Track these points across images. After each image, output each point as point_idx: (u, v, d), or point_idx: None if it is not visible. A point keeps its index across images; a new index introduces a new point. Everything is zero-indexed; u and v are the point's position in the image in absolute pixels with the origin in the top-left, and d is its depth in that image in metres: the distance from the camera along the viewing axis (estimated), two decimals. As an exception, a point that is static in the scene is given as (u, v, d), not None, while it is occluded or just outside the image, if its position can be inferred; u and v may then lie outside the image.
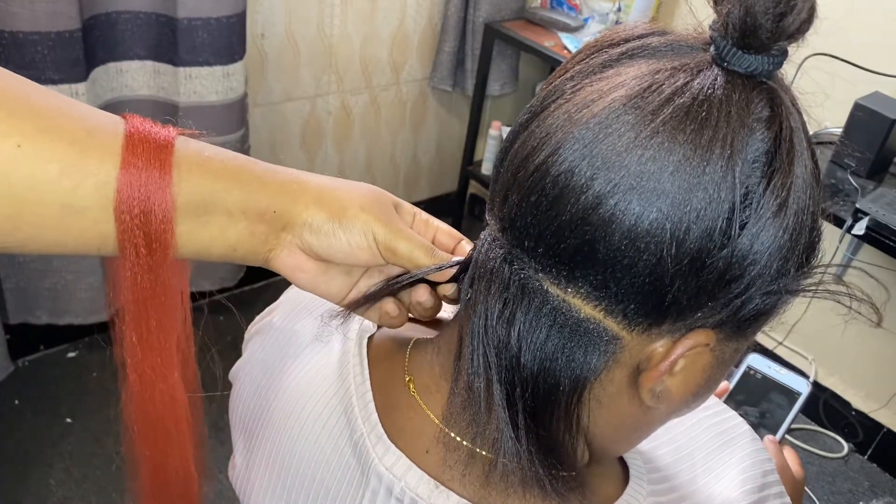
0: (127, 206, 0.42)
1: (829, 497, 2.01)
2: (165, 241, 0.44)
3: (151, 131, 0.44)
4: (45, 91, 0.43)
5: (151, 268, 0.44)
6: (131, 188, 0.42)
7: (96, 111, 0.45)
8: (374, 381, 0.52)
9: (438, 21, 2.34)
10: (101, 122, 0.44)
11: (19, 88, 0.42)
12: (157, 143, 0.44)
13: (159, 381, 0.48)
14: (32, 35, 1.49)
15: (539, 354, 0.42)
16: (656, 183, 0.38)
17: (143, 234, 0.43)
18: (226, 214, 0.46)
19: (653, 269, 0.39)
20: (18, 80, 0.42)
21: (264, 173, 0.48)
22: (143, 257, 0.44)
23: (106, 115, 0.45)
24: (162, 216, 0.43)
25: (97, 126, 0.43)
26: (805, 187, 0.40)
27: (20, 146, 0.40)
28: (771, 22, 0.38)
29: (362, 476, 0.49)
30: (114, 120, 0.44)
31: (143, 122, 0.44)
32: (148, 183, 0.43)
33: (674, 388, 0.44)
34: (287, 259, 0.49)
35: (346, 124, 2.34)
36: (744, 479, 0.55)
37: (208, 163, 0.46)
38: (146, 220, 0.43)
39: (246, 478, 0.59)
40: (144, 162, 0.43)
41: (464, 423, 0.47)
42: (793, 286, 0.42)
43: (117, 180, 0.42)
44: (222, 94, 1.77)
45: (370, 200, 0.50)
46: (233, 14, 1.70)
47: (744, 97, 0.39)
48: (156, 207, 0.43)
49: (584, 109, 0.40)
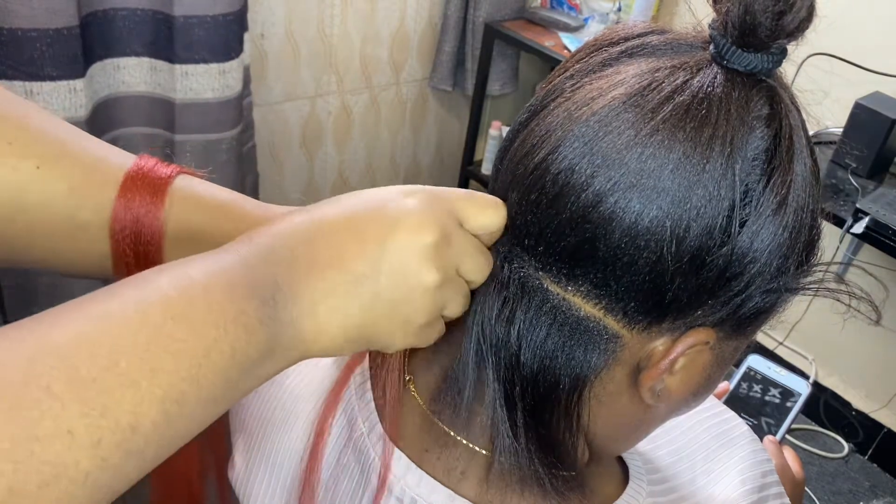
0: (119, 226, 0.46)
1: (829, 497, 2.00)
2: (153, 260, 0.47)
3: (155, 168, 0.48)
4: (62, 123, 0.48)
5: None
6: (125, 211, 0.46)
7: (108, 146, 0.49)
8: (374, 381, 0.52)
9: (438, 21, 2.34)
10: (110, 154, 0.48)
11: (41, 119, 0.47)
12: (156, 177, 0.47)
13: None
14: (31, 32, 1.49)
15: (539, 353, 0.42)
16: (656, 181, 0.38)
17: (133, 254, 0.46)
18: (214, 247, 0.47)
19: (653, 266, 0.39)
20: (40, 111, 0.47)
21: (253, 209, 0.50)
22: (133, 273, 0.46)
23: (117, 150, 0.49)
24: (150, 237, 0.46)
25: (105, 157, 0.47)
26: (805, 185, 0.40)
27: (38, 168, 0.45)
28: (770, 20, 0.38)
29: (362, 476, 0.49)
30: (123, 154, 0.49)
31: (152, 160, 0.48)
32: (140, 207, 0.46)
33: (674, 387, 0.44)
34: None
35: (346, 124, 2.34)
36: (743, 480, 0.55)
37: (199, 198, 0.48)
38: (136, 240, 0.46)
39: (246, 478, 0.58)
40: (140, 191, 0.46)
41: (463, 421, 0.47)
42: (793, 284, 0.42)
43: (114, 202, 0.46)
44: (218, 92, 1.77)
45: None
46: (229, 12, 1.70)
47: (743, 95, 0.39)
48: (144, 230, 0.46)
49: (583, 107, 0.40)
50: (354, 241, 0.39)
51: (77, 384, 0.30)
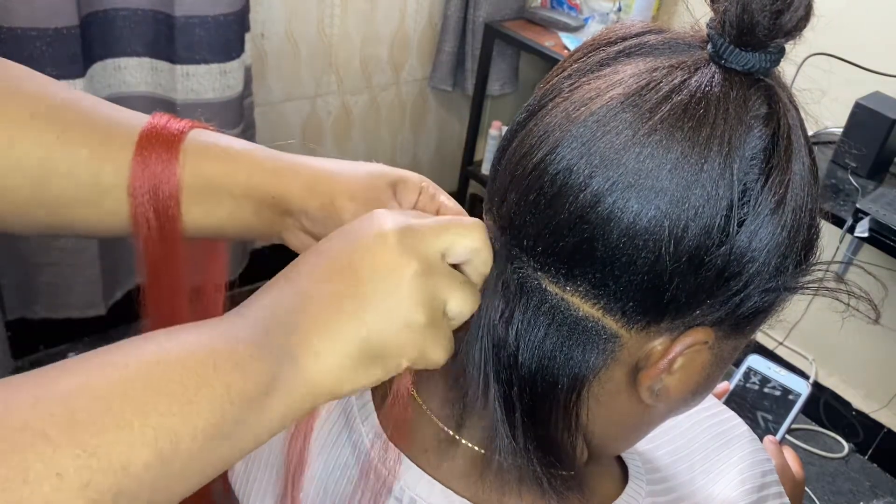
0: (138, 184, 0.49)
1: (829, 497, 2.00)
2: (172, 215, 0.49)
3: (168, 124, 0.50)
4: (79, 93, 0.51)
5: (162, 238, 0.50)
6: (143, 169, 0.49)
7: (124, 109, 0.51)
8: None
9: (438, 21, 2.34)
10: (126, 117, 0.51)
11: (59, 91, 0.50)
12: (169, 133, 0.49)
13: None
14: (31, 31, 1.49)
15: (537, 353, 0.42)
16: (654, 181, 0.38)
17: (153, 209, 0.49)
18: (231, 197, 0.51)
19: (651, 266, 0.39)
20: (57, 83, 0.51)
21: (265, 159, 0.52)
22: (154, 230, 0.50)
23: (132, 113, 0.51)
24: (168, 192, 0.49)
25: (122, 119, 0.50)
26: (803, 184, 0.40)
27: (59, 137, 0.48)
28: (768, 19, 0.38)
29: (362, 475, 0.49)
30: (139, 116, 0.51)
31: (164, 118, 0.51)
32: (156, 164, 0.49)
33: (672, 387, 0.44)
34: (294, 240, 0.53)
35: (346, 124, 2.34)
36: (743, 480, 0.55)
37: (213, 149, 0.51)
38: (154, 196, 0.49)
39: (245, 478, 0.58)
40: (156, 148, 0.49)
41: (463, 421, 0.47)
42: (791, 283, 0.42)
43: (131, 162, 0.48)
44: (219, 92, 1.77)
45: (362, 187, 0.52)
46: (230, 12, 1.70)
47: (741, 94, 0.39)
48: (163, 185, 0.49)
49: (581, 108, 0.40)
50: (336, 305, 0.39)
51: (73, 428, 0.31)
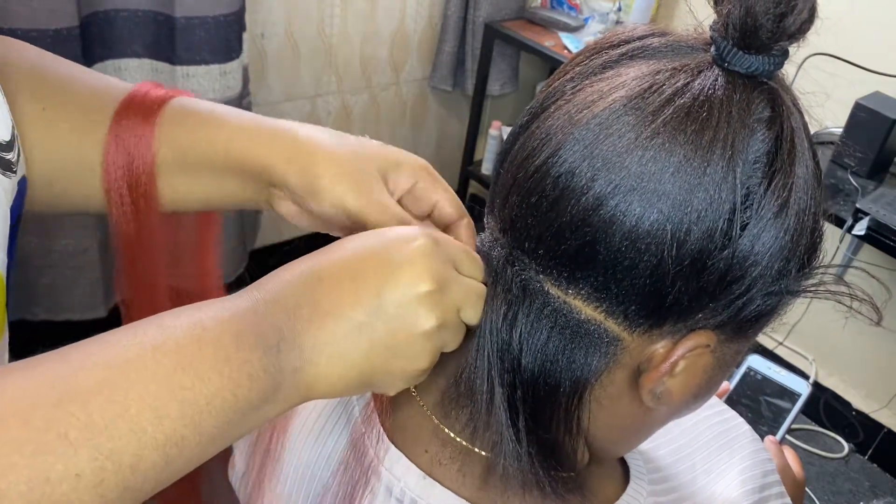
0: (112, 159, 0.47)
1: (829, 497, 2.00)
2: (147, 192, 0.48)
3: (148, 93, 0.48)
4: (71, 64, 0.50)
5: (136, 215, 0.49)
6: (117, 143, 0.47)
7: (109, 79, 0.50)
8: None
9: (438, 21, 2.34)
10: (109, 87, 0.49)
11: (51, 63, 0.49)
12: (149, 103, 0.48)
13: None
14: (31, 32, 1.49)
15: (540, 356, 0.42)
16: (657, 184, 0.38)
17: (126, 185, 0.48)
18: (211, 170, 0.49)
19: (654, 270, 0.39)
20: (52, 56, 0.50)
21: (245, 127, 0.50)
22: (127, 205, 0.48)
23: (117, 81, 0.50)
24: (143, 168, 0.47)
25: (105, 90, 0.49)
26: (806, 188, 0.40)
27: (44, 109, 0.47)
28: (771, 22, 0.38)
29: (362, 476, 0.49)
30: (124, 86, 0.49)
31: (146, 86, 0.49)
32: (130, 137, 0.47)
33: (674, 390, 0.44)
34: (283, 208, 0.51)
35: (346, 124, 2.34)
36: (744, 480, 0.55)
37: (193, 116, 0.49)
38: (129, 171, 0.47)
39: (247, 479, 0.58)
40: (132, 120, 0.47)
41: (463, 423, 0.47)
42: (794, 287, 0.42)
43: (106, 136, 0.47)
44: (219, 93, 1.77)
45: (349, 169, 0.48)
46: (230, 13, 1.70)
47: (744, 98, 0.39)
48: (136, 160, 0.47)
49: (584, 110, 0.40)
50: (353, 289, 0.39)
51: (91, 431, 0.33)
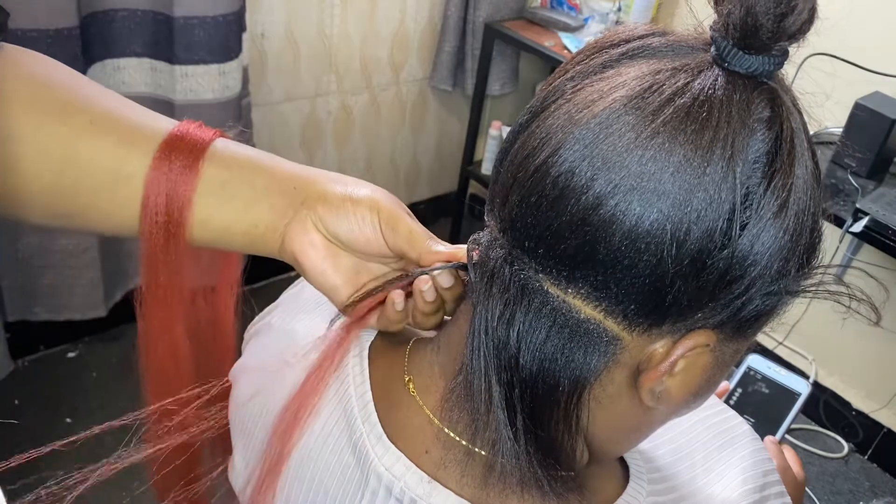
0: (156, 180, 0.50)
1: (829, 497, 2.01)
2: (179, 219, 0.51)
3: (195, 131, 0.52)
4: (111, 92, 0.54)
5: (166, 238, 0.52)
6: (164, 167, 0.50)
7: (153, 113, 0.53)
8: (374, 381, 0.52)
9: (438, 21, 2.34)
10: (154, 117, 0.53)
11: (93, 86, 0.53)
12: (196, 140, 0.51)
13: (165, 333, 0.57)
14: (31, 32, 1.49)
15: (538, 355, 0.42)
16: (657, 183, 0.38)
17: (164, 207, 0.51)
18: (251, 189, 0.52)
19: (653, 269, 0.39)
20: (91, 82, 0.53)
21: (291, 165, 0.55)
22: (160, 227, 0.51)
23: (161, 116, 0.53)
24: (182, 195, 0.51)
25: (150, 119, 0.53)
26: (806, 188, 0.40)
27: (92, 122, 0.50)
28: (772, 22, 0.38)
29: (362, 476, 0.49)
30: (166, 119, 0.53)
31: (193, 124, 0.53)
32: (177, 167, 0.50)
33: (674, 389, 0.44)
34: (300, 235, 0.52)
35: (346, 124, 2.34)
36: (744, 479, 0.55)
37: (236, 157, 0.53)
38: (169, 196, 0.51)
39: (247, 480, 0.58)
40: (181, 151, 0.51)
41: (463, 423, 0.47)
42: (793, 287, 0.42)
43: (154, 158, 0.50)
44: (218, 93, 1.78)
45: (383, 192, 0.54)
46: (229, 13, 1.70)
47: (744, 98, 0.39)
48: (179, 188, 0.51)
49: (584, 110, 0.40)
50: None
51: None
